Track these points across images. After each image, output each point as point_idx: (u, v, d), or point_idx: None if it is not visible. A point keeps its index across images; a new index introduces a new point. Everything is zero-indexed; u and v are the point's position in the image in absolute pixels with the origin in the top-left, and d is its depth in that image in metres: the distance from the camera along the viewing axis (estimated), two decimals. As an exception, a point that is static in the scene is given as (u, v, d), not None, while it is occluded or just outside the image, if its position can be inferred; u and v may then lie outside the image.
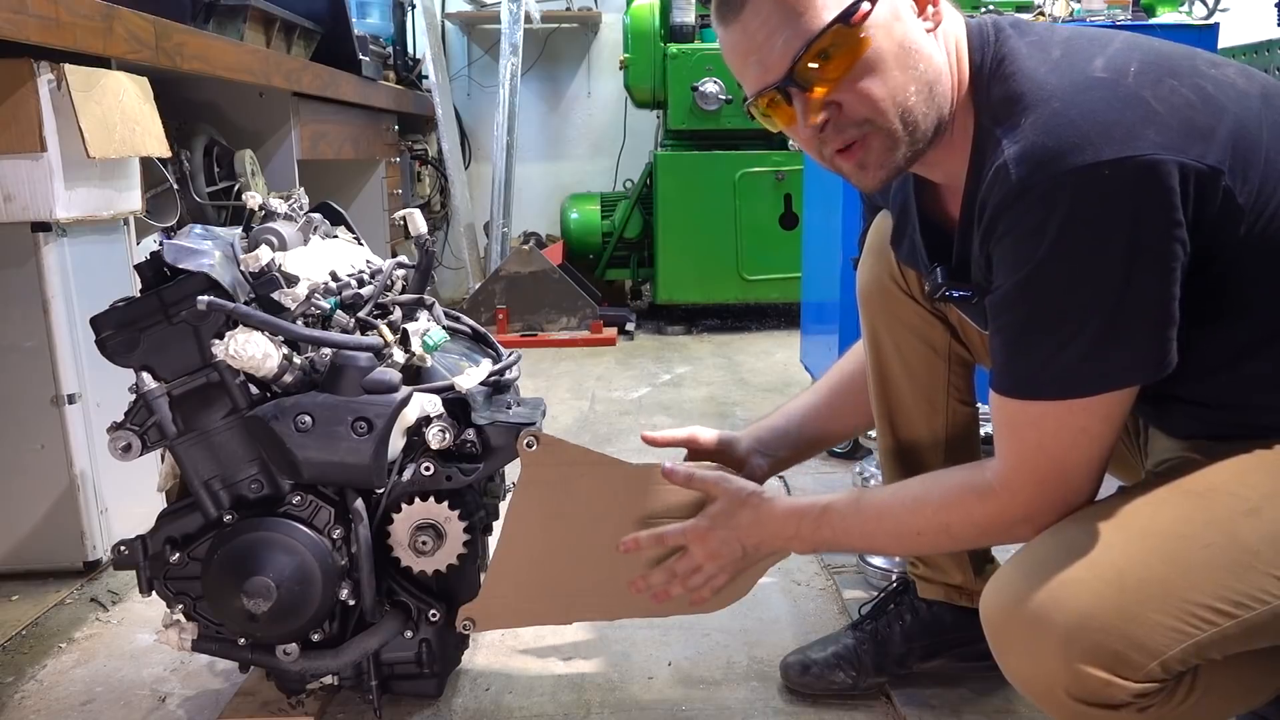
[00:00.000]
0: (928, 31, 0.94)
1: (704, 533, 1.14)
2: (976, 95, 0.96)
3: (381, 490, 1.20)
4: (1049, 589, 0.88)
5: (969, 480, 1.00)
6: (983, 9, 2.65)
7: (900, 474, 1.31)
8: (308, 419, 1.14)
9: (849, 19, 0.89)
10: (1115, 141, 0.83)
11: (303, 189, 1.44)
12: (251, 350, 1.11)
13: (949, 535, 1.01)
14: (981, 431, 1.33)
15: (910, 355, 1.27)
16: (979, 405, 1.32)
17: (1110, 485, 0.99)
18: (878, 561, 1.60)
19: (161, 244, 1.16)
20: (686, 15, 3.96)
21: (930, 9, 0.95)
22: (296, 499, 1.18)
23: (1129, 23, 2.21)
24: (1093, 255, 0.85)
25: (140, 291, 1.17)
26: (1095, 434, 0.91)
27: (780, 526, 1.11)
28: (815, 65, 0.91)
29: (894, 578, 1.47)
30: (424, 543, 1.21)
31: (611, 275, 4.42)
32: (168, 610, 1.21)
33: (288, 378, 1.15)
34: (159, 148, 1.82)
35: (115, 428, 1.16)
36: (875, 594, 1.46)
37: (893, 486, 1.12)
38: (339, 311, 1.24)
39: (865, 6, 0.89)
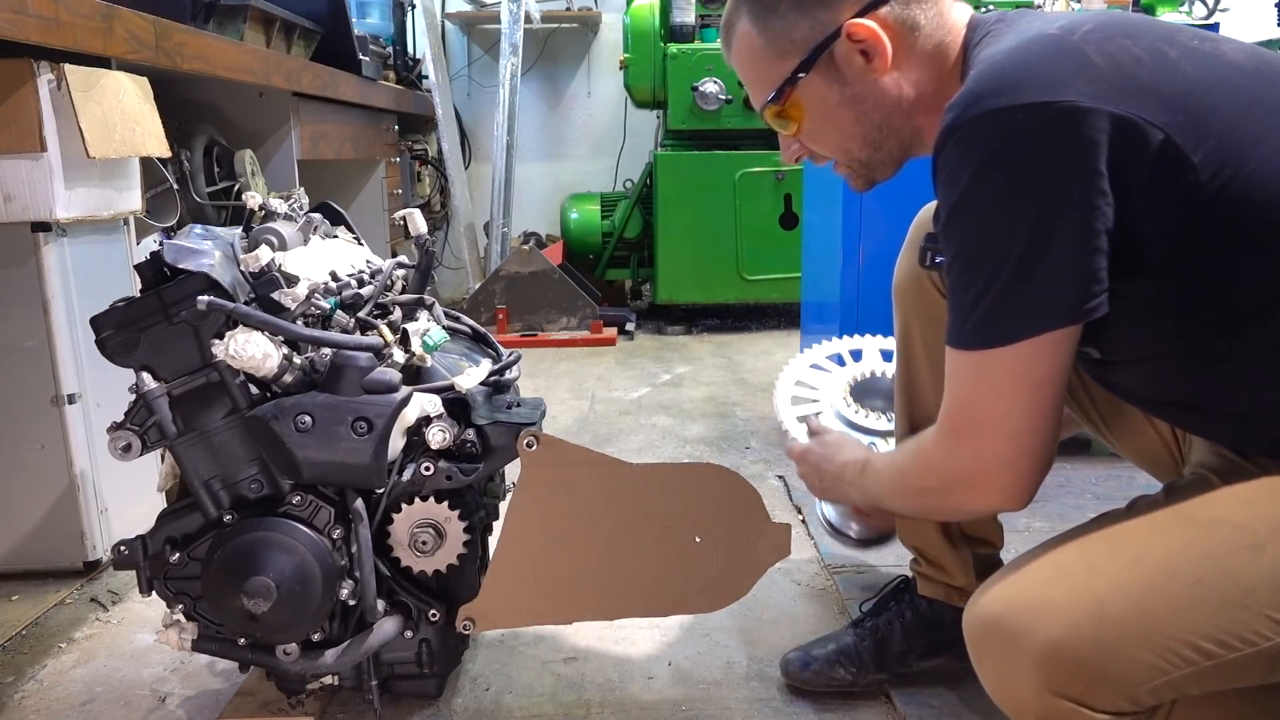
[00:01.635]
0: (878, 76, 0.99)
1: (801, 453, 1.25)
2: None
3: (381, 490, 1.20)
4: (1028, 610, 0.86)
5: (918, 441, 1.01)
6: (983, 8, 2.65)
7: None
8: (308, 419, 1.14)
9: (779, 100, 1.04)
10: (1039, 88, 0.83)
11: (303, 189, 1.44)
12: (251, 350, 1.11)
13: (919, 501, 1.05)
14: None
15: (938, 350, 1.26)
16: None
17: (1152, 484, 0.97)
18: (828, 511, 1.50)
19: (161, 244, 1.16)
20: (686, 15, 3.96)
21: (878, 58, 0.98)
22: (296, 499, 1.18)
23: (1129, 22, 2.20)
24: (1006, 199, 0.85)
25: (140, 291, 1.17)
26: (1010, 390, 0.88)
27: (842, 468, 1.17)
28: (774, 118, 1.06)
29: (851, 533, 1.47)
30: (424, 543, 1.21)
31: (611, 275, 4.42)
32: (168, 610, 1.21)
33: (288, 378, 1.15)
34: (159, 148, 1.82)
35: (115, 428, 1.16)
36: (876, 592, 1.45)
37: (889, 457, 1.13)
38: (339, 311, 1.24)
39: (786, 90, 1.02)
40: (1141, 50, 0.86)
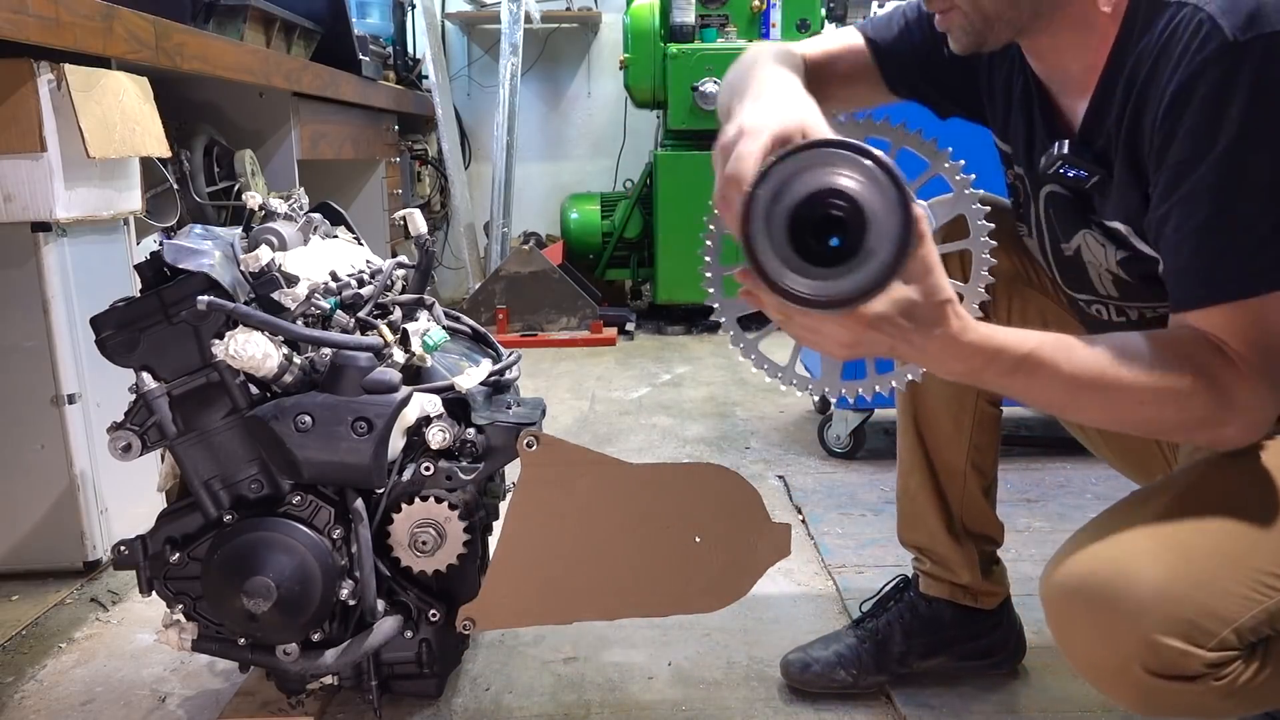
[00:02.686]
0: None
1: (879, 320, 0.80)
2: None
3: (381, 490, 1.20)
4: (1116, 564, 0.88)
5: (1202, 370, 0.85)
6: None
7: (924, 471, 1.32)
8: (308, 419, 1.14)
9: None
10: None
11: (303, 189, 1.44)
12: (251, 350, 1.11)
13: (1159, 424, 0.91)
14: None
15: None
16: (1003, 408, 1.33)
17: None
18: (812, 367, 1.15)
19: (161, 244, 1.16)
20: (686, 15, 3.96)
21: None
22: (296, 499, 1.18)
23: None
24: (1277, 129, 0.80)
25: (140, 291, 1.17)
26: None
27: (968, 360, 0.85)
28: None
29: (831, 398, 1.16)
30: (424, 543, 1.21)
31: (611, 275, 4.42)
32: (168, 610, 1.21)
33: (288, 378, 1.15)
34: (159, 148, 1.82)
35: (115, 428, 1.16)
36: (876, 592, 1.45)
37: (1104, 346, 0.88)
38: (339, 311, 1.24)
39: None
40: None
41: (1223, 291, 0.84)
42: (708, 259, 1.04)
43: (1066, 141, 0.98)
